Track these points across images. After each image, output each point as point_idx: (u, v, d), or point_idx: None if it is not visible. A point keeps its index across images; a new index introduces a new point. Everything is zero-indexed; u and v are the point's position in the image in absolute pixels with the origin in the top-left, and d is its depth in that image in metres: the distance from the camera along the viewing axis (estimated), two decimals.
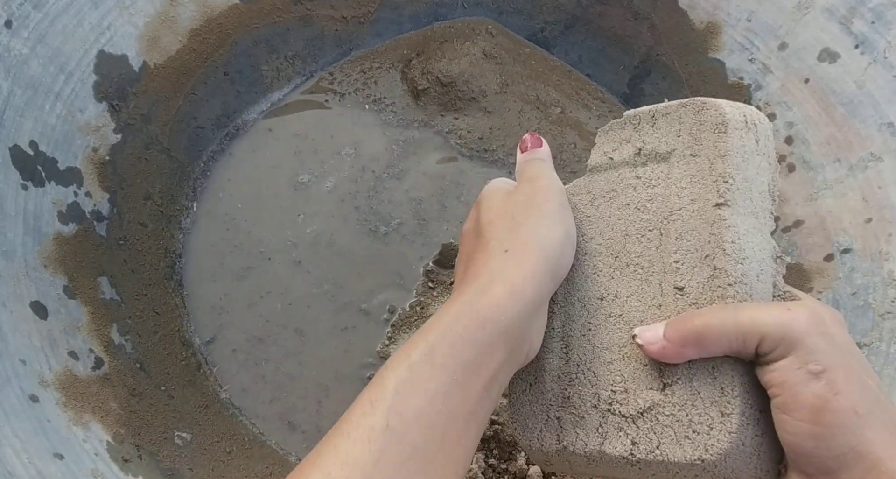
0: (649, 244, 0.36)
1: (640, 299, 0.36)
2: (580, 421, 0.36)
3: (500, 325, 0.34)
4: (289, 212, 0.75)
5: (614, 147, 0.41)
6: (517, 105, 0.82)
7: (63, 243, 0.60)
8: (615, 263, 0.38)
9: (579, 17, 0.84)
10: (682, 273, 0.34)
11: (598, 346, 0.37)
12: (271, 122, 0.80)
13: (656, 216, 0.37)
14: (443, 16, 0.85)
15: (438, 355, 0.33)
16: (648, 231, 0.37)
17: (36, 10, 0.58)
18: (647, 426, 0.33)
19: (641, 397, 0.34)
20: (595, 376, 0.36)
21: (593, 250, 0.39)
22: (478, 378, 0.33)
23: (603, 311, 0.37)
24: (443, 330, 0.34)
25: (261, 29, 0.77)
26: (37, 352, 0.54)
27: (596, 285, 0.38)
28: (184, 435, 0.62)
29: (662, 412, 0.33)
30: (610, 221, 0.39)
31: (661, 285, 0.35)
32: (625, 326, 0.36)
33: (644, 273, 0.36)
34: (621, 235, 0.38)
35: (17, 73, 0.57)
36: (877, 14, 0.63)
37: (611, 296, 0.37)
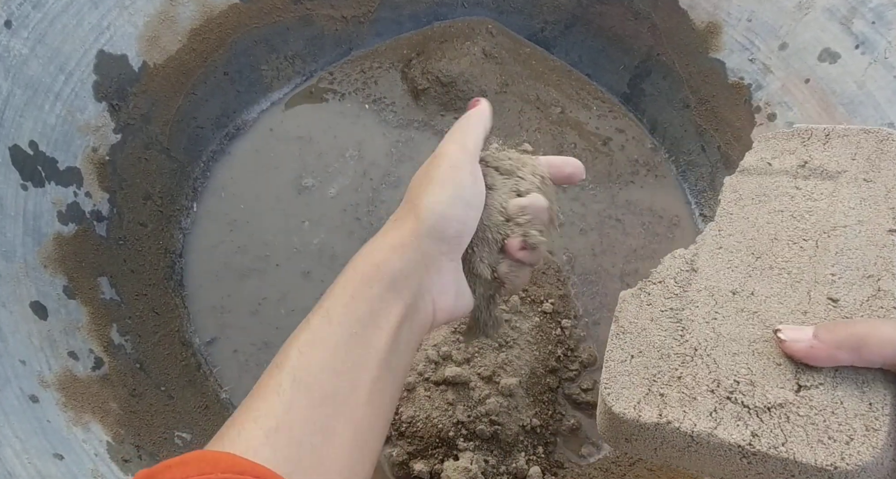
0: (802, 253, 0.37)
1: (782, 301, 0.36)
2: (691, 401, 0.35)
3: (384, 282, 0.36)
4: (290, 213, 0.75)
5: (774, 155, 0.42)
6: (517, 105, 0.82)
7: (63, 243, 0.60)
8: (756, 263, 0.38)
9: (579, 16, 0.84)
10: (839, 287, 0.35)
11: (724, 336, 0.36)
12: (272, 122, 0.80)
13: (814, 228, 0.37)
14: (443, 15, 0.85)
15: (334, 314, 0.35)
16: (803, 240, 0.37)
17: (35, 10, 0.58)
18: (773, 421, 0.33)
19: (771, 393, 0.33)
20: (716, 363, 0.36)
21: (730, 246, 0.40)
22: (378, 330, 0.35)
23: (734, 304, 0.37)
24: (336, 294, 0.36)
25: (261, 29, 0.77)
26: (37, 352, 0.54)
27: (728, 279, 0.39)
28: (184, 435, 0.62)
29: (795, 412, 0.32)
30: (755, 223, 0.40)
31: (811, 293, 0.36)
32: (759, 323, 0.36)
33: (790, 279, 0.37)
34: (768, 238, 0.39)
35: (16, 73, 0.57)
36: (877, 14, 0.63)
37: (746, 292, 0.37)
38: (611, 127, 0.83)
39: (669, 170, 0.81)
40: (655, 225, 0.78)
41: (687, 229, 0.78)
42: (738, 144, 0.74)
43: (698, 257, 0.40)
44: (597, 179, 0.80)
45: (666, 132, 0.82)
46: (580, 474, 0.64)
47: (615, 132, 0.83)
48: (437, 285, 0.39)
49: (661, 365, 0.37)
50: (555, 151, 0.80)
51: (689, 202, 0.79)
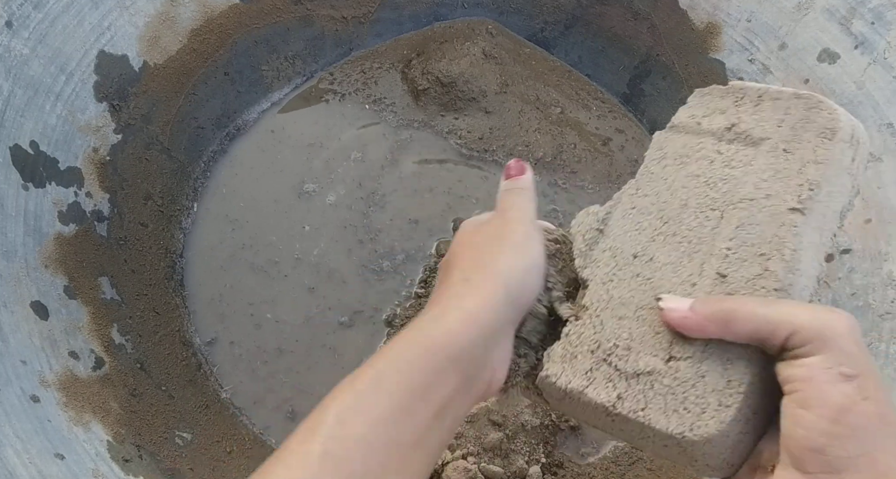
0: (706, 222, 0.36)
1: (676, 271, 0.36)
2: (572, 359, 0.36)
3: (452, 351, 0.33)
4: (290, 213, 0.76)
5: (706, 113, 0.40)
6: (517, 105, 0.82)
7: (64, 243, 0.60)
8: (662, 227, 0.38)
9: (579, 17, 0.84)
10: (731, 262, 0.34)
11: (615, 299, 0.37)
12: (272, 122, 0.80)
13: (724, 198, 0.36)
14: (443, 16, 0.85)
15: (386, 381, 0.32)
16: (710, 210, 0.36)
17: (36, 10, 0.58)
18: (638, 387, 0.34)
19: (643, 361, 0.34)
20: (602, 324, 0.36)
21: (643, 208, 0.39)
22: (426, 405, 0.33)
23: (631, 268, 0.37)
24: (392, 357, 0.33)
25: (261, 29, 0.77)
26: (37, 352, 0.54)
27: (633, 242, 0.38)
28: (184, 435, 0.62)
29: (660, 381, 0.33)
30: (671, 186, 0.39)
31: (703, 265, 0.35)
32: (650, 290, 0.36)
33: (689, 248, 0.36)
34: (679, 204, 0.38)
35: (17, 73, 0.57)
36: (877, 15, 0.63)
37: (646, 257, 0.37)
38: (610, 127, 0.83)
39: None
40: None
41: None
42: None
43: (611, 216, 0.40)
44: (596, 180, 0.80)
45: None
46: (580, 473, 0.64)
47: (615, 132, 0.83)
48: (497, 356, 0.36)
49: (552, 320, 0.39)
50: (555, 151, 0.80)
51: None
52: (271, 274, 0.72)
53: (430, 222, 0.76)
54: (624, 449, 0.66)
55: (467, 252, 0.39)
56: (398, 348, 0.34)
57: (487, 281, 0.36)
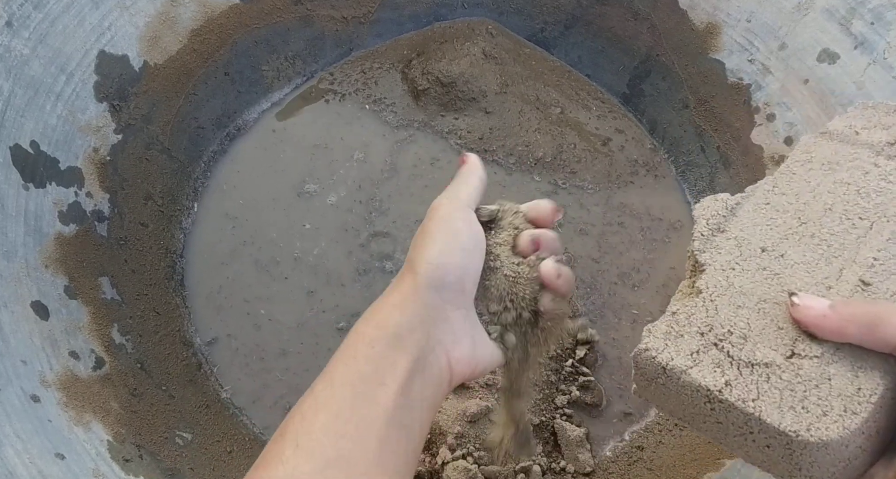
0: (852, 230, 0.35)
1: (810, 271, 0.35)
2: (677, 338, 0.34)
3: (386, 339, 0.36)
4: (291, 213, 0.76)
5: (865, 126, 0.40)
6: (517, 105, 0.82)
7: (64, 243, 0.60)
8: (798, 227, 0.37)
9: (579, 17, 0.84)
10: (876, 272, 0.34)
11: (735, 287, 0.35)
12: (272, 122, 0.80)
13: (876, 209, 0.36)
14: (443, 16, 0.85)
15: (337, 376, 0.35)
16: (858, 218, 0.36)
17: (37, 10, 0.58)
18: (752, 377, 0.32)
19: (761, 352, 0.32)
20: (716, 310, 0.35)
21: (779, 205, 0.38)
22: (384, 388, 0.34)
23: (758, 261, 0.36)
24: (338, 357, 0.36)
25: (261, 29, 0.77)
26: (38, 352, 0.54)
27: (762, 236, 0.37)
28: (184, 435, 0.62)
29: (778, 375, 0.32)
30: (815, 189, 0.38)
31: (843, 270, 0.34)
32: (777, 285, 0.35)
33: (828, 251, 0.35)
34: (822, 207, 0.37)
35: (17, 73, 0.57)
36: (876, 15, 0.63)
37: (776, 253, 0.36)
38: (610, 127, 0.83)
39: (669, 170, 0.81)
40: (654, 225, 0.78)
41: (686, 230, 0.78)
42: (737, 144, 0.74)
43: (741, 206, 0.39)
44: (596, 180, 0.80)
45: (665, 133, 0.82)
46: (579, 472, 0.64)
47: (615, 133, 0.83)
48: (447, 336, 0.38)
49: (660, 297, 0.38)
50: (555, 152, 0.80)
51: (689, 203, 0.79)
52: (272, 274, 0.72)
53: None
54: (624, 449, 0.66)
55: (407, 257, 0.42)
56: (342, 348, 0.37)
57: (407, 274, 0.39)
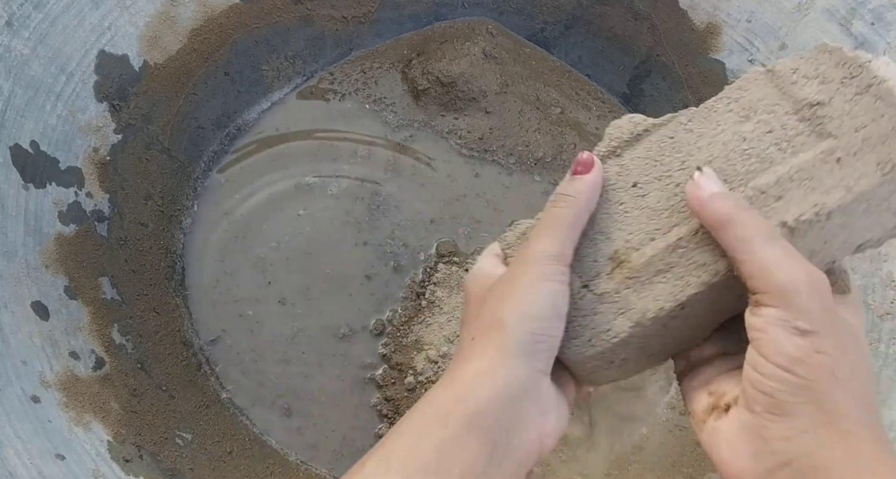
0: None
1: (651, 218, 0.35)
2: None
3: (465, 416, 0.31)
4: (291, 213, 0.76)
5: (807, 74, 0.36)
6: (517, 105, 0.82)
7: (64, 243, 0.60)
8: (675, 172, 0.36)
9: (579, 17, 0.84)
10: (696, 239, 0.34)
11: (595, 215, 0.37)
12: (273, 122, 0.80)
13: (745, 176, 0.34)
14: (443, 16, 0.85)
15: (395, 459, 0.30)
16: (724, 180, 0.35)
17: (36, 10, 0.58)
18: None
19: (572, 277, 0.36)
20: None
21: (679, 142, 0.37)
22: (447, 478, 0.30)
23: (622, 195, 0.37)
24: (401, 432, 0.31)
25: (261, 29, 0.77)
26: (38, 352, 0.54)
27: (643, 170, 0.37)
28: (184, 435, 0.62)
29: (573, 301, 0.36)
30: (716, 136, 0.36)
31: (674, 228, 0.35)
32: (619, 222, 0.36)
33: (676, 205, 0.35)
34: (706, 157, 0.36)
35: (17, 73, 0.57)
36: (877, 15, 0.63)
37: (642, 192, 0.37)
38: None
39: None
40: None
41: None
42: None
43: (648, 134, 0.38)
44: None
45: None
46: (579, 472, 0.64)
47: None
48: (536, 408, 0.33)
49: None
50: (555, 152, 0.80)
51: None
52: (272, 274, 0.72)
53: (430, 223, 0.76)
54: (624, 449, 0.66)
55: (473, 307, 0.36)
56: (409, 421, 0.32)
57: (491, 334, 0.33)
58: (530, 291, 0.34)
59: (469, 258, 0.73)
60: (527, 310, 0.33)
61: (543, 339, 0.34)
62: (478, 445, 0.30)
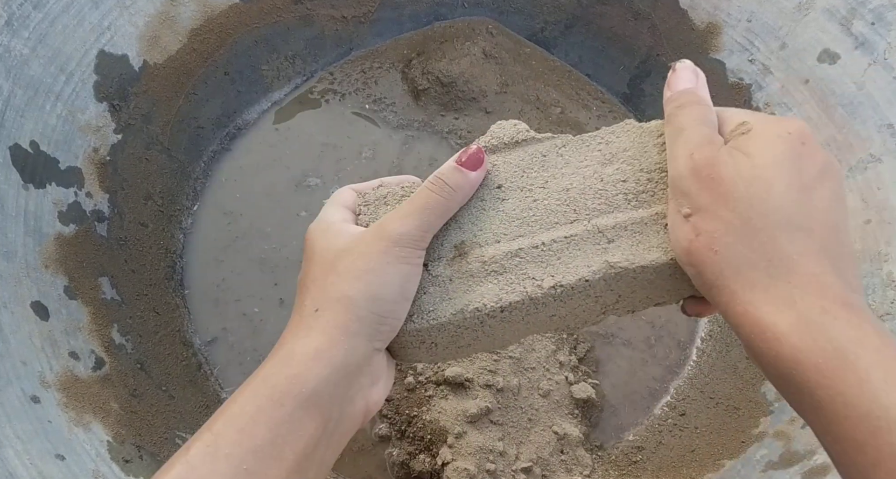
0: (560, 215, 0.38)
1: (503, 222, 0.38)
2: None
3: (300, 397, 0.30)
4: (290, 213, 0.75)
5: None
6: (517, 105, 0.82)
7: (64, 243, 0.60)
8: (538, 189, 0.39)
9: (580, 17, 0.84)
10: (536, 254, 0.37)
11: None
12: (272, 122, 0.80)
13: (591, 211, 0.38)
14: (443, 16, 0.85)
15: (223, 443, 0.29)
16: (573, 210, 0.38)
17: (36, 10, 0.58)
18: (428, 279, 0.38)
19: (432, 260, 0.38)
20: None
21: (549, 162, 0.39)
22: (279, 462, 0.29)
23: (486, 192, 0.39)
24: (231, 414, 0.30)
25: (261, 29, 0.77)
26: (38, 353, 0.54)
27: (511, 175, 0.39)
28: (184, 435, 0.62)
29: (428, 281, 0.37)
30: (579, 168, 0.40)
31: (519, 238, 0.38)
32: (476, 214, 0.38)
33: (528, 218, 0.38)
34: (566, 184, 0.39)
35: (17, 73, 0.57)
36: (877, 15, 0.63)
37: (502, 196, 0.39)
38: None
39: None
40: None
41: None
42: None
43: (526, 145, 0.40)
44: None
45: None
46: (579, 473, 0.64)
47: None
48: (367, 380, 0.33)
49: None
50: None
51: None
52: (272, 274, 0.72)
53: None
54: (623, 451, 0.66)
55: (317, 267, 0.34)
56: (240, 401, 0.30)
57: (341, 314, 0.32)
58: (385, 273, 0.33)
59: None
60: (378, 292, 0.33)
61: (388, 321, 0.34)
62: (313, 423, 0.30)
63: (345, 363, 0.32)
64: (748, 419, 0.63)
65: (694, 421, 0.67)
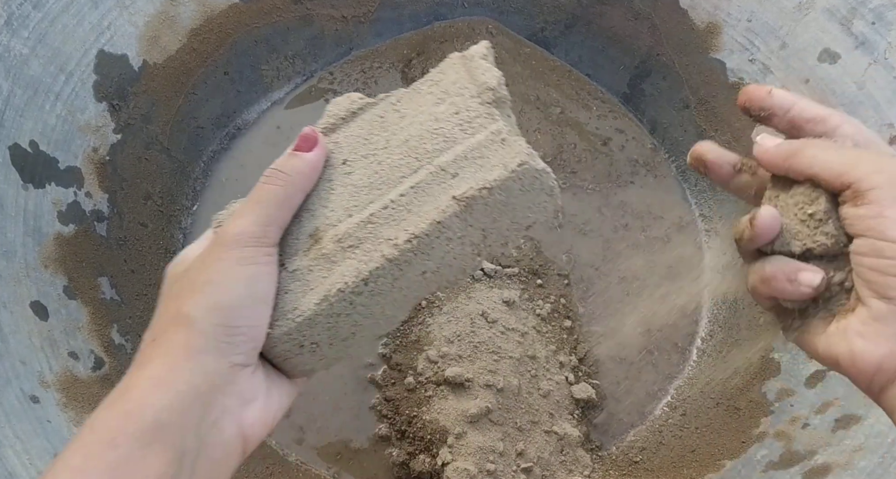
0: (404, 168, 0.37)
1: (353, 195, 0.36)
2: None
3: (136, 434, 0.27)
4: None
5: (493, 61, 0.40)
6: (517, 105, 0.82)
7: (63, 243, 0.60)
8: (380, 150, 0.37)
9: (580, 16, 0.84)
10: (385, 215, 0.35)
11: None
12: (272, 121, 0.80)
13: (431, 154, 0.36)
14: (443, 15, 0.85)
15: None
16: (415, 159, 0.37)
17: (36, 9, 0.58)
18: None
19: (287, 258, 0.36)
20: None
21: (387, 122, 0.38)
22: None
23: (332, 172, 0.37)
24: (69, 453, 0.27)
25: (261, 28, 0.77)
26: (37, 353, 0.54)
27: (353, 148, 0.38)
28: None
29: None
30: (416, 116, 0.38)
31: (370, 204, 0.36)
32: (324, 198, 0.36)
33: (375, 181, 0.36)
34: (405, 136, 0.37)
35: (17, 73, 0.57)
36: (877, 15, 0.63)
37: (349, 169, 0.37)
38: (611, 127, 0.83)
39: (669, 170, 0.81)
40: (655, 225, 0.78)
41: (687, 230, 0.78)
42: (738, 144, 0.74)
43: (363, 112, 0.38)
44: (597, 180, 0.80)
45: (666, 132, 0.82)
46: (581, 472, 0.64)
47: (615, 132, 0.83)
48: (233, 401, 0.30)
49: None
50: (555, 152, 0.80)
51: (689, 202, 0.79)
52: None
53: None
54: (624, 451, 0.66)
55: (162, 300, 0.32)
56: (65, 455, 0.27)
57: (180, 335, 0.29)
58: (227, 278, 0.30)
59: None
60: (220, 299, 0.30)
61: (242, 329, 0.30)
62: (159, 459, 0.27)
63: (192, 386, 0.28)
64: (749, 419, 0.63)
65: (694, 421, 0.67)
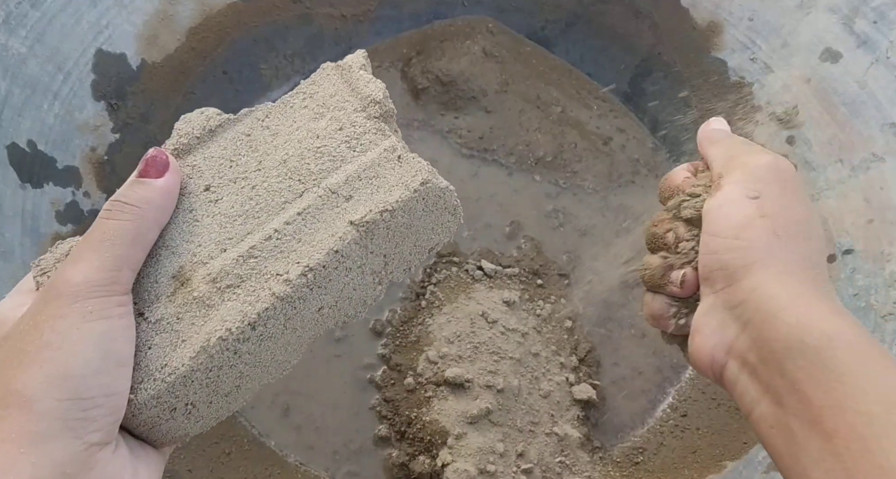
0: (286, 192, 0.33)
1: (224, 226, 0.32)
2: None
3: None
4: None
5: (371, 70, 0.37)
6: (517, 104, 0.82)
7: None
8: (251, 173, 0.34)
9: (580, 15, 0.84)
10: (268, 246, 0.31)
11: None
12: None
13: (317, 176, 0.33)
14: (443, 14, 0.85)
15: None
16: (298, 181, 0.34)
17: (34, 8, 0.58)
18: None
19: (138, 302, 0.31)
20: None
21: (255, 140, 0.35)
22: None
23: (193, 200, 0.33)
24: None
25: (260, 27, 0.76)
26: None
27: (216, 172, 0.34)
28: None
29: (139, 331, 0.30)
30: (291, 133, 0.35)
31: (248, 235, 0.32)
32: (188, 232, 0.32)
33: (252, 209, 0.32)
34: (282, 156, 0.34)
35: (14, 72, 0.56)
36: (879, 14, 0.63)
37: (215, 196, 0.33)
38: (612, 126, 0.83)
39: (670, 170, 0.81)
40: None
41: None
42: None
43: (224, 130, 0.35)
44: (597, 179, 0.79)
45: (667, 132, 0.81)
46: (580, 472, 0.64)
47: (616, 132, 0.83)
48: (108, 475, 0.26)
49: None
50: (555, 151, 0.80)
51: None
52: None
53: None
54: (624, 452, 0.66)
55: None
56: None
57: (13, 419, 0.24)
58: (68, 339, 0.25)
59: (469, 259, 0.73)
60: (63, 368, 0.25)
61: (97, 400, 0.25)
62: None
63: (33, 475, 0.23)
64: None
65: (695, 422, 0.67)
